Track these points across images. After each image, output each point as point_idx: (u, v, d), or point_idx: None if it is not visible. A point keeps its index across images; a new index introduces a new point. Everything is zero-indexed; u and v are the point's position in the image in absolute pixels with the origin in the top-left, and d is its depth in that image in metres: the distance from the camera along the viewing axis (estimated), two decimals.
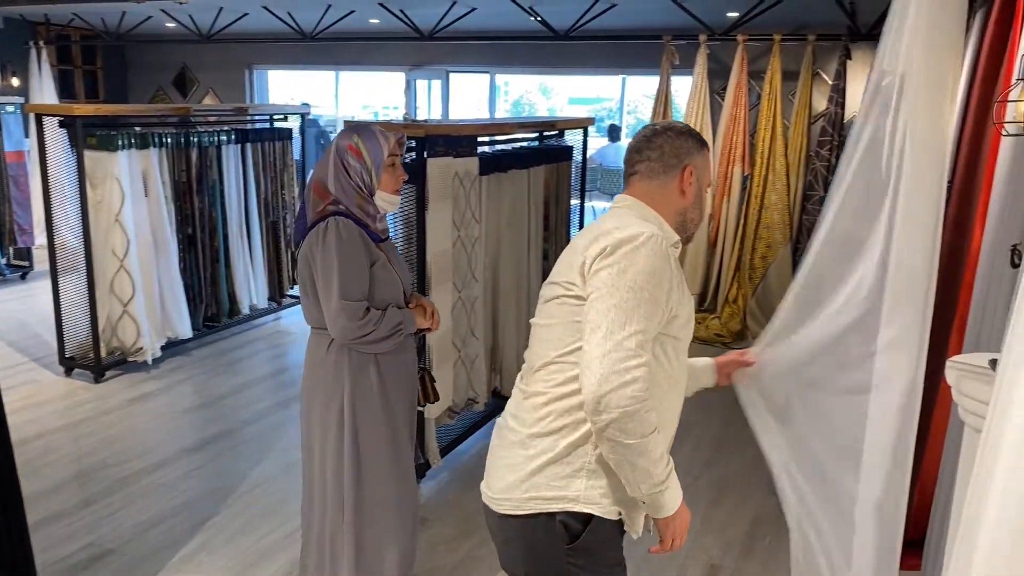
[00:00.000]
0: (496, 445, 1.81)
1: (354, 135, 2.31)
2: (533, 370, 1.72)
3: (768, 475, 3.86)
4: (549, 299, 1.70)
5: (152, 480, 3.70)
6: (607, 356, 1.50)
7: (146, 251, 5.01)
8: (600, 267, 1.57)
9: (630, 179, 1.77)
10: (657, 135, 1.73)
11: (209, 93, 10.03)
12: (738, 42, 6.08)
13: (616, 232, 1.59)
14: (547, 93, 21.12)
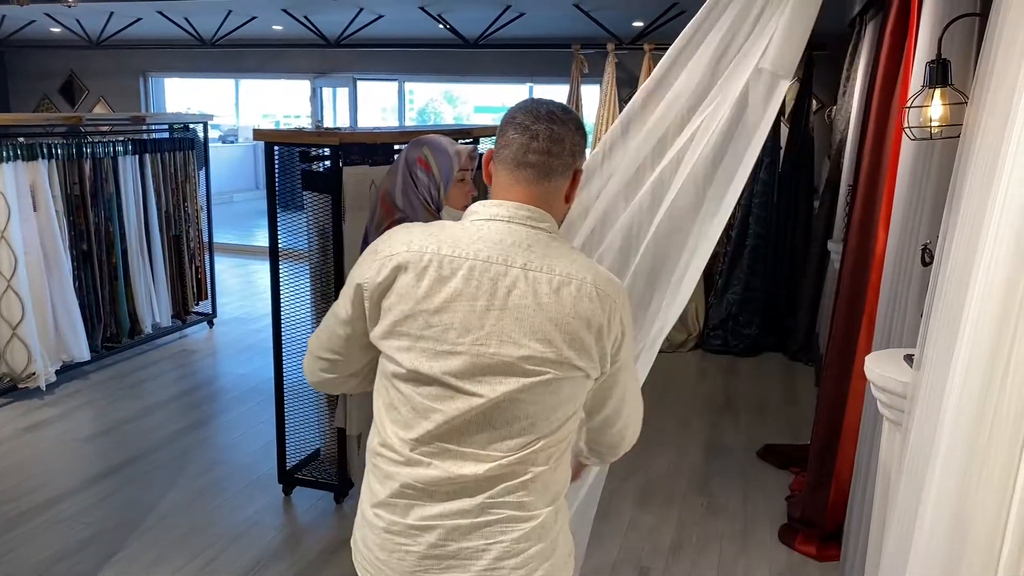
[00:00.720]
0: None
1: (424, 147, 2.24)
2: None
3: (692, 475, 3.94)
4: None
5: (51, 515, 3.44)
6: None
7: (36, 269, 4.69)
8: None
9: (520, 172, 1.38)
10: (558, 122, 1.38)
11: (100, 102, 9.53)
12: (645, 51, 6.21)
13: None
14: (453, 102, 21.10)
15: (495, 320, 1.33)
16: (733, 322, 5.99)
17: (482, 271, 1.34)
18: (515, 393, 1.34)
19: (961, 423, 1.26)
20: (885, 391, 2.06)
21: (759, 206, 5.92)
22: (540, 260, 1.35)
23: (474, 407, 1.34)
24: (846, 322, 3.24)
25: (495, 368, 1.33)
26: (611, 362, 1.40)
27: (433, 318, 1.34)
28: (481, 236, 1.37)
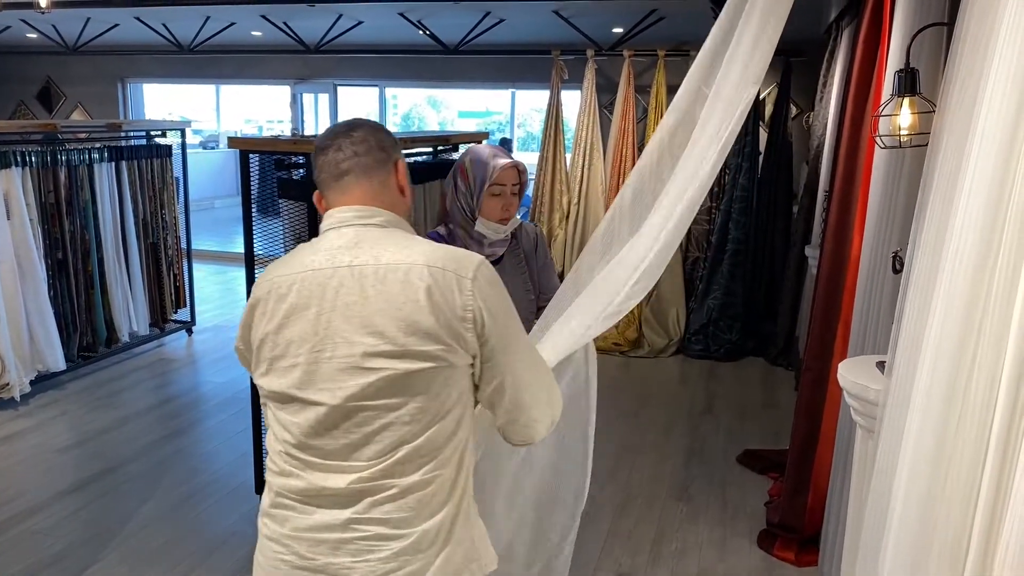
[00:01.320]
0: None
1: (467, 156, 2.26)
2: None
3: (671, 481, 3.94)
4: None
5: (23, 528, 3.40)
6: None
7: (10, 278, 4.63)
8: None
9: (341, 183, 1.42)
10: (354, 128, 1.46)
11: (78, 108, 9.44)
12: (624, 57, 6.23)
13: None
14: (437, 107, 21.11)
15: (326, 324, 1.34)
16: (714, 327, 6.01)
17: (311, 280, 1.37)
18: (359, 396, 1.33)
19: (927, 428, 1.26)
20: (858, 398, 2.07)
21: (739, 211, 5.95)
22: (367, 254, 1.36)
23: (321, 416, 1.35)
24: (822, 327, 3.26)
25: (335, 373, 1.34)
26: (481, 344, 1.37)
27: (278, 337, 1.38)
28: (315, 248, 1.41)
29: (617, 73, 6.40)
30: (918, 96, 2.01)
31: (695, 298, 6.19)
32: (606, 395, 5.10)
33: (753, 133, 5.97)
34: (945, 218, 1.28)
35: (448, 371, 1.35)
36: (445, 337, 1.33)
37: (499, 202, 2.25)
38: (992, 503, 1.16)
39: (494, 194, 2.24)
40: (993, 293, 1.14)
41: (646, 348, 6.07)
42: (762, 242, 6.08)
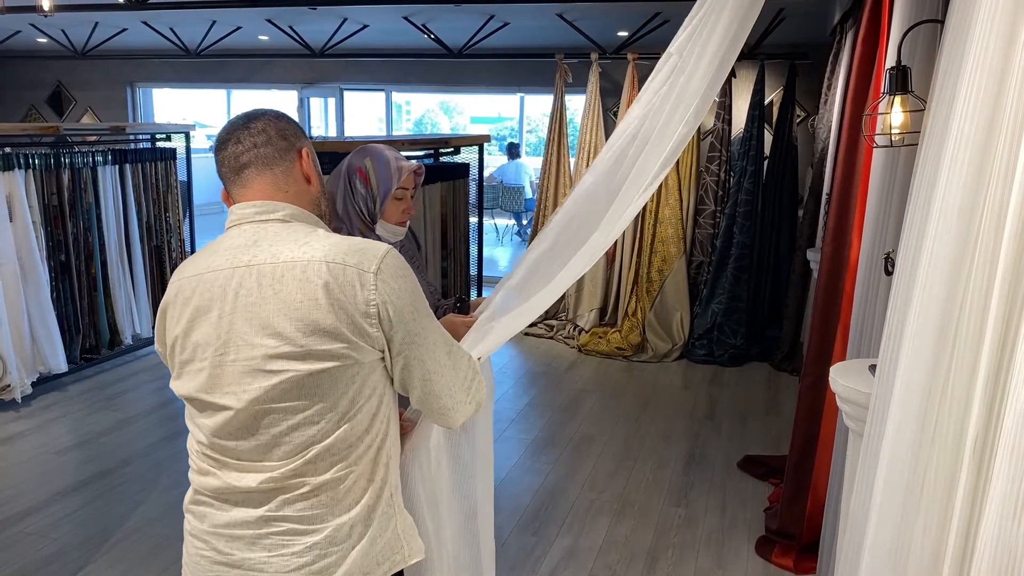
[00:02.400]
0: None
1: (367, 158, 2.17)
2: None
3: (670, 486, 3.90)
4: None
5: (18, 529, 3.39)
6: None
7: (12, 280, 4.65)
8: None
9: (241, 177, 1.39)
10: (252, 119, 1.41)
11: (88, 112, 9.50)
12: (628, 60, 6.20)
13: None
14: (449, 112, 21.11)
15: (228, 326, 1.32)
16: (718, 332, 5.97)
17: (211, 281, 1.34)
18: (263, 399, 1.30)
19: (904, 431, 1.23)
20: (848, 402, 2.04)
21: (743, 215, 5.91)
22: (266, 252, 1.33)
23: (229, 419, 1.33)
24: (821, 331, 3.21)
25: (238, 376, 1.31)
26: (388, 339, 1.33)
27: (185, 341, 1.36)
28: (216, 248, 1.38)
29: (621, 76, 6.37)
30: (910, 94, 1.97)
31: (699, 303, 6.14)
32: (608, 400, 5.10)
33: (758, 137, 5.92)
34: (924, 219, 1.25)
35: (355, 368, 1.32)
36: (348, 335, 1.29)
37: (401, 205, 2.21)
38: (970, 506, 1.12)
39: (397, 198, 2.19)
40: (969, 294, 1.11)
41: (649, 353, 6.02)
42: (767, 246, 6.03)
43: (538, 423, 4.75)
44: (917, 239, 1.30)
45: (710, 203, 6.14)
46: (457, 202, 4.76)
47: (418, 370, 1.39)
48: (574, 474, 4.04)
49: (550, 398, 5.21)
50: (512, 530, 3.49)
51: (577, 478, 3.99)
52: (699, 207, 6.19)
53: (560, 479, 3.98)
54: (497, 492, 3.80)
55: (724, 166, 6.12)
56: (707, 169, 6.15)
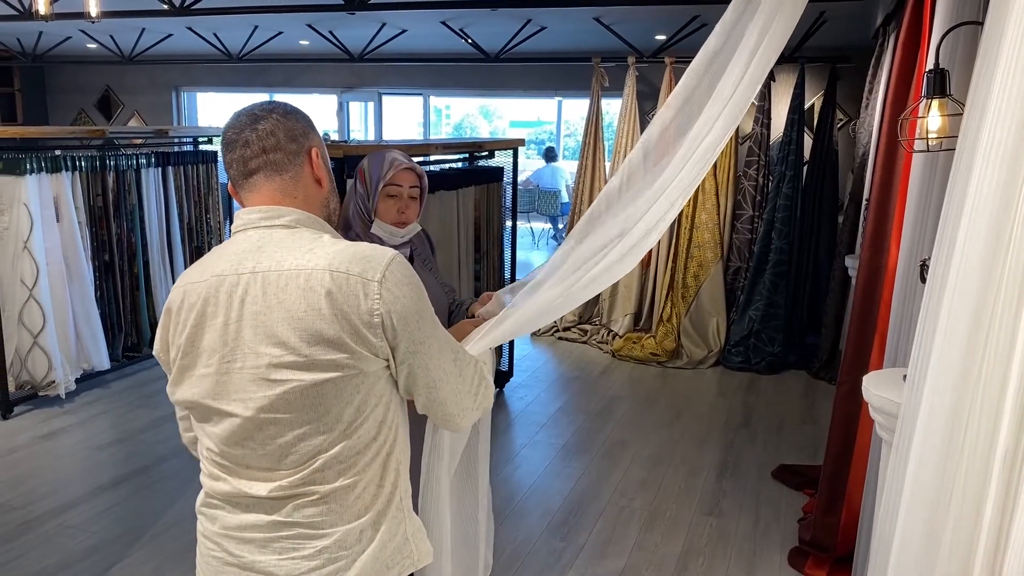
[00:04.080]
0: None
1: (367, 159, 2.20)
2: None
3: (702, 495, 3.86)
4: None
5: (59, 523, 3.48)
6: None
7: (58, 279, 4.78)
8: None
9: (250, 181, 1.38)
10: (260, 119, 1.37)
11: (134, 116, 9.74)
12: (666, 64, 6.16)
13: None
14: (489, 117, 21.15)
15: (235, 334, 1.31)
16: (755, 339, 5.88)
17: (217, 287, 1.33)
18: (269, 408, 1.30)
19: (931, 442, 1.20)
20: (881, 412, 1.99)
21: (782, 220, 5.82)
22: (270, 259, 1.32)
23: (236, 427, 1.33)
24: (858, 339, 3.15)
25: (245, 384, 1.31)
26: (392, 348, 1.32)
27: (188, 347, 1.35)
28: (223, 252, 1.37)
29: (659, 80, 6.33)
30: (949, 98, 1.92)
31: (736, 309, 6.06)
32: (641, 406, 5.06)
33: (798, 142, 5.83)
34: (956, 226, 1.22)
35: (359, 378, 1.31)
36: (352, 344, 1.28)
37: (395, 204, 2.18)
38: (999, 521, 1.09)
39: (390, 195, 2.17)
40: (1000, 303, 1.08)
41: (684, 359, 5.96)
42: (806, 252, 5.93)
43: (569, 428, 4.73)
44: (948, 246, 1.26)
45: (748, 208, 6.06)
46: (491, 206, 4.76)
47: (423, 378, 1.38)
48: (605, 480, 4.01)
49: (582, 403, 5.18)
50: (541, 534, 3.48)
51: (608, 484, 3.97)
52: (737, 212, 6.11)
53: (590, 485, 3.96)
54: (526, 496, 3.82)
55: (763, 171, 6.04)
56: (745, 174, 6.08)
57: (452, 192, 4.29)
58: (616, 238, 1.69)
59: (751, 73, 1.59)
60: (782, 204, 5.83)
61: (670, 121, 1.72)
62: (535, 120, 19.36)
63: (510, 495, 3.83)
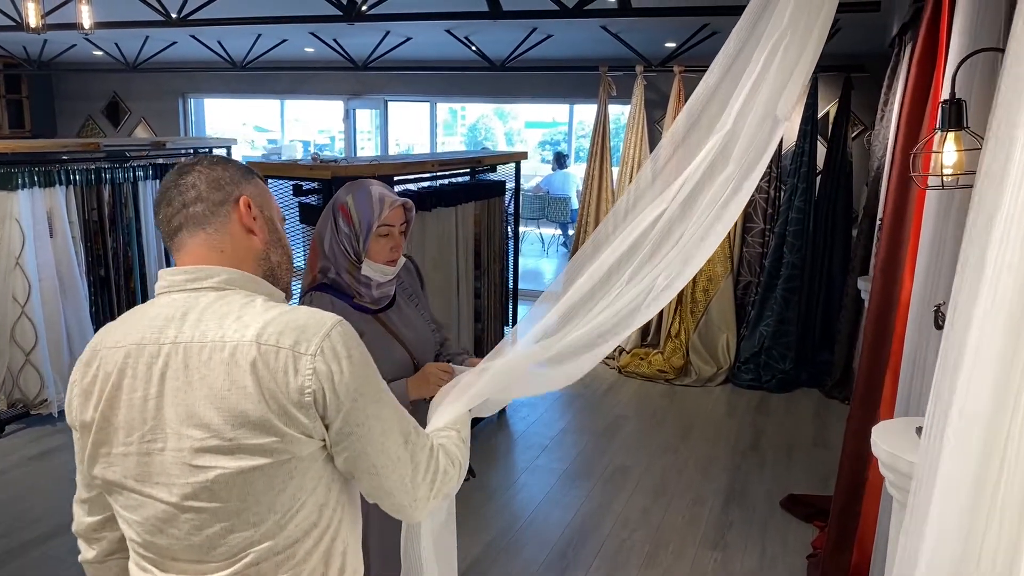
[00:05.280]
0: None
1: (350, 194, 2.07)
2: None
3: (707, 526, 3.71)
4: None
5: (45, 550, 3.39)
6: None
7: (51, 296, 4.70)
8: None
9: (175, 241, 1.27)
10: (185, 174, 1.28)
11: (141, 123, 9.68)
12: (675, 73, 6.01)
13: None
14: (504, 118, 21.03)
15: (155, 411, 1.18)
16: (765, 356, 5.72)
17: (136, 357, 1.20)
18: (193, 496, 1.17)
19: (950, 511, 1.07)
20: (892, 469, 1.84)
21: (794, 234, 5.65)
22: (194, 328, 1.19)
23: (159, 513, 1.20)
24: (869, 372, 3.00)
25: (169, 467, 1.18)
26: (330, 428, 1.19)
27: (103, 422, 1.21)
28: (144, 315, 1.24)
29: (668, 88, 6.18)
30: (966, 131, 1.77)
31: (746, 325, 5.90)
32: (647, 427, 4.91)
33: (811, 152, 5.66)
34: (979, 271, 1.08)
35: (292, 464, 1.18)
36: (281, 427, 1.15)
37: (387, 243, 2.08)
38: None
39: (382, 235, 2.07)
40: None
41: (693, 376, 5.81)
42: (819, 267, 5.76)
43: (572, 451, 4.59)
44: (970, 290, 1.13)
45: (759, 221, 5.90)
46: (492, 221, 4.63)
47: (363, 464, 1.23)
48: (606, 509, 3.87)
49: (586, 423, 5.04)
50: (538, 569, 3.35)
51: (609, 514, 3.83)
52: (747, 225, 5.95)
53: (591, 514, 3.82)
54: (525, 526, 3.69)
55: (774, 182, 5.88)
56: (757, 187, 5.90)
57: (450, 209, 4.16)
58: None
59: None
60: (794, 217, 5.66)
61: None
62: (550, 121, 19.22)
63: (507, 525, 3.70)
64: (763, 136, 2.00)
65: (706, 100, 1.96)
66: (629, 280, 1.72)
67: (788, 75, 1.72)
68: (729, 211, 1.85)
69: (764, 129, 1.96)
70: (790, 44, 1.73)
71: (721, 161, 1.99)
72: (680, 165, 2.00)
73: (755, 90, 1.89)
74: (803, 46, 1.73)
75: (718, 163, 2.00)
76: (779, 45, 1.77)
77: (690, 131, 2.04)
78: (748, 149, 1.97)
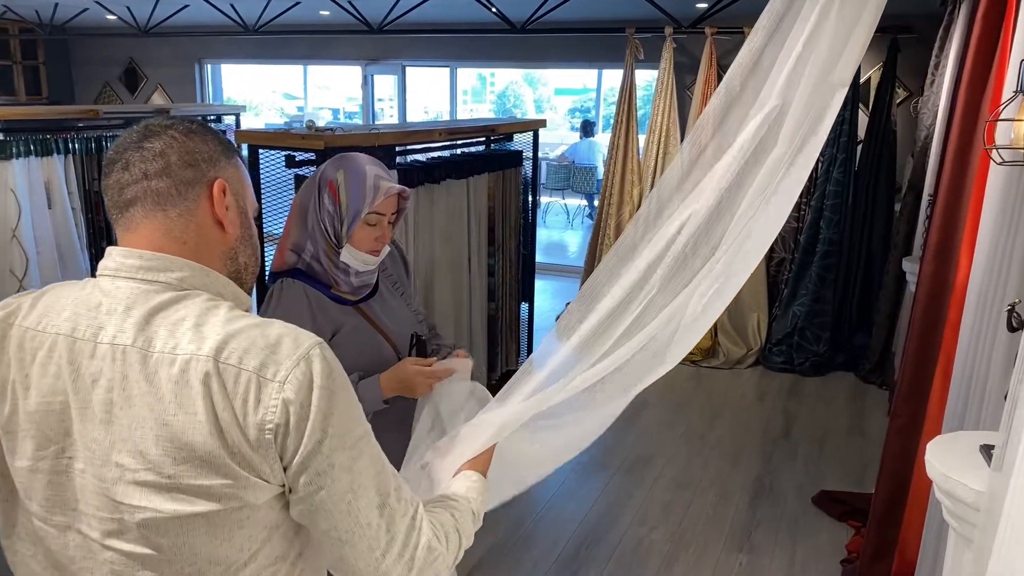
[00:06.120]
0: None
1: (341, 171, 1.81)
2: None
3: (733, 525, 3.46)
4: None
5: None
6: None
7: (50, 269, 4.52)
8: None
9: (125, 216, 1.03)
10: (153, 136, 1.03)
11: (158, 89, 9.50)
12: (706, 35, 5.64)
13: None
14: (534, 84, 20.60)
15: (79, 423, 0.95)
16: (799, 337, 5.40)
17: (64, 350, 0.97)
18: (116, 534, 0.95)
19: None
20: (950, 496, 1.57)
21: (831, 208, 5.30)
22: (138, 330, 0.95)
23: (74, 549, 0.97)
24: (916, 365, 2.70)
25: (91, 496, 0.96)
26: (296, 473, 0.95)
27: (8, 423, 0.99)
28: (77, 298, 1.00)
29: (700, 52, 5.81)
30: None
31: (779, 304, 5.58)
32: (670, 412, 4.64)
33: (851, 120, 5.28)
34: None
35: (244, 512, 0.95)
36: (234, 467, 0.93)
37: (374, 232, 1.83)
38: None
39: (370, 224, 1.82)
40: None
41: (721, 358, 5.52)
42: (858, 243, 5.41)
43: None
44: None
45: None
46: (507, 194, 4.35)
47: (323, 522, 0.99)
48: (624, 504, 3.63)
49: None
50: (549, 568, 3.13)
51: (627, 509, 3.59)
52: None
53: (608, 509, 3.58)
54: (536, 521, 3.45)
55: None
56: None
57: (461, 181, 3.89)
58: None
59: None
60: (832, 190, 5.30)
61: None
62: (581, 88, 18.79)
63: (518, 520, 3.47)
64: (818, 108, 1.71)
65: (749, 70, 1.69)
66: (645, 306, 1.49)
67: (847, 34, 1.45)
68: (777, 205, 1.59)
69: (818, 100, 1.68)
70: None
71: (769, 141, 1.72)
72: (717, 154, 1.74)
73: (807, 54, 1.61)
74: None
75: (766, 144, 1.72)
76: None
77: (730, 109, 1.77)
78: (801, 125, 1.69)
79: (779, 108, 1.68)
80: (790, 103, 1.67)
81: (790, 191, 1.62)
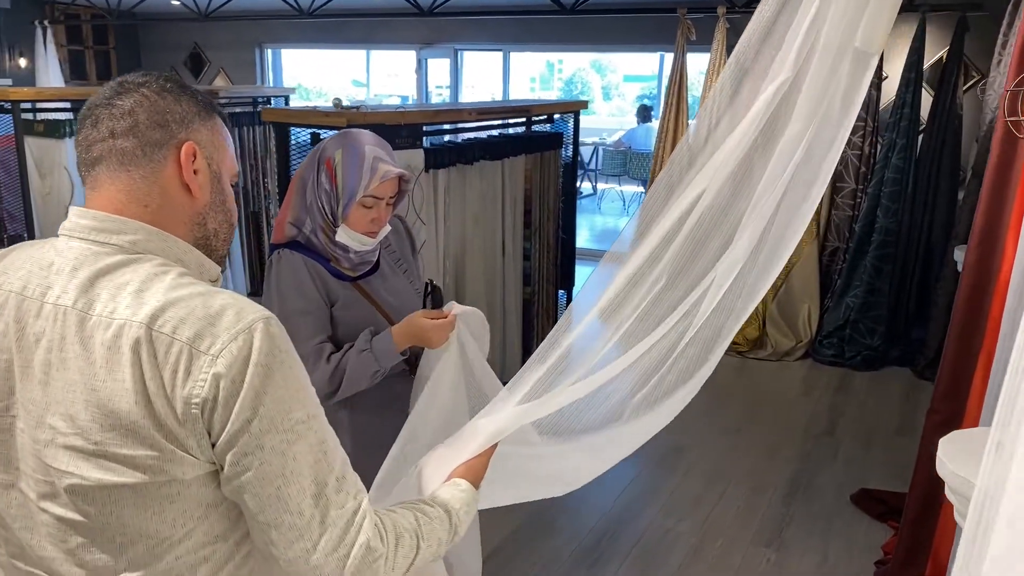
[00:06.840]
0: None
1: (339, 149, 1.80)
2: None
3: (764, 519, 3.34)
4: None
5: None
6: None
7: None
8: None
9: (91, 175, 1.01)
10: (124, 94, 1.00)
11: (220, 74, 9.71)
12: None
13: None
14: (602, 71, 20.39)
15: (21, 382, 0.96)
16: (851, 330, 5.19)
17: (13, 308, 0.97)
18: (50, 499, 0.95)
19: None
20: (958, 495, 1.46)
21: (889, 196, 5.06)
22: (80, 292, 0.94)
23: (13, 509, 0.99)
24: (957, 359, 2.55)
25: (26, 457, 0.96)
26: (223, 451, 0.92)
27: None
28: (32, 256, 1.00)
29: None
30: None
31: (831, 295, 5.38)
32: (709, 403, 4.52)
33: (913, 104, 5.03)
34: None
35: (173, 487, 0.93)
36: (160, 439, 0.90)
37: (370, 214, 1.79)
38: None
39: (366, 206, 1.78)
40: None
41: (768, 349, 5.35)
42: (916, 233, 5.16)
43: None
44: None
45: (850, 180, 5.32)
46: (545, 177, 4.29)
47: (253, 505, 0.95)
48: (652, 494, 3.55)
49: None
50: (567, 560, 3.08)
51: (655, 499, 3.51)
52: (837, 184, 5.37)
53: (634, 499, 3.51)
54: (559, 509, 3.40)
55: (869, 138, 5.28)
56: (848, 141, 5.32)
57: (496, 163, 3.85)
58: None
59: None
60: (891, 177, 5.06)
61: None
62: (651, 74, 18.54)
63: (539, 508, 3.39)
64: (841, 79, 1.60)
65: (762, 38, 1.59)
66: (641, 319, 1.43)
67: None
68: (799, 201, 1.50)
69: (842, 69, 1.57)
70: None
71: (783, 117, 1.61)
72: (725, 134, 1.66)
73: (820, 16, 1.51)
74: None
75: (779, 120, 1.62)
76: None
77: (741, 84, 1.69)
78: (822, 99, 1.59)
79: (790, 80, 1.58)
80: (804, 75, 1.56)
81: (818, 172, 1.53)
